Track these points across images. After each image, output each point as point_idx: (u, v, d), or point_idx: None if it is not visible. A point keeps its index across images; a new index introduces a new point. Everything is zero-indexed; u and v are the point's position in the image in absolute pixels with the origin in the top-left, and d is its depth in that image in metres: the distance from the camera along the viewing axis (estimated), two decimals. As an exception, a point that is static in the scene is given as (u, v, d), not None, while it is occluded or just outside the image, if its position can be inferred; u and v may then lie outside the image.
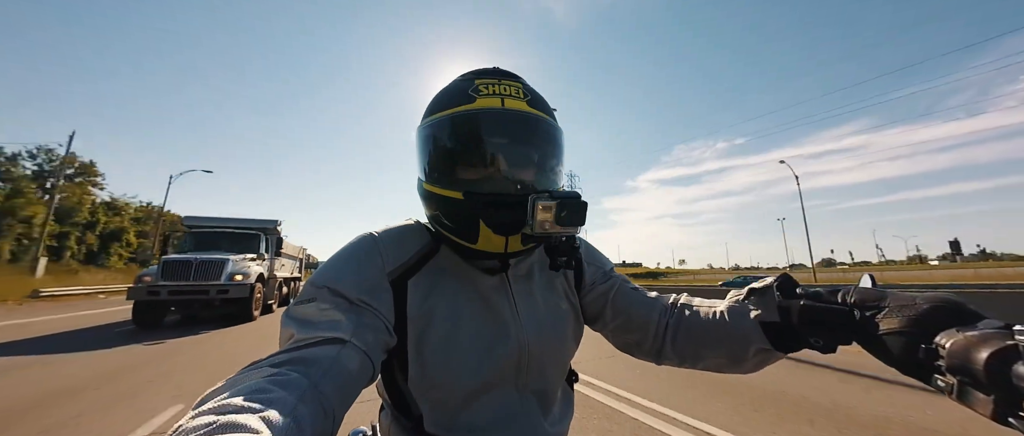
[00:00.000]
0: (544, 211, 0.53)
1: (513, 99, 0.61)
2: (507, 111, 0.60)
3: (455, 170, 0.61)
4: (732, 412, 3.12)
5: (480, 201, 0.57)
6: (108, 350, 5.63)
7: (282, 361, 0.43)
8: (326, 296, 0.53)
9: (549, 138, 0.64)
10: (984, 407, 0.34)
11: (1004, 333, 0.34)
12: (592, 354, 5.06)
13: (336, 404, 0.43)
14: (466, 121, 0.60)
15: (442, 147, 0.62)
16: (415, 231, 0.66)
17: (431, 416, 0.60)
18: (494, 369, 0.61)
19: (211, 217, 10.64)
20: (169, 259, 8.07)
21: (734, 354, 0.60)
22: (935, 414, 2.99)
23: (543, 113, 0.63)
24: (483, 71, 0.65)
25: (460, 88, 0.62)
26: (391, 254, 0.61)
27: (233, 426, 0.29)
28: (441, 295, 0.61)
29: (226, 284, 8.02)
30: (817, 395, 3.54)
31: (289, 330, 0.50)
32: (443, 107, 0.62)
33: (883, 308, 0.44)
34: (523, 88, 0.64)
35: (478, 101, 0.60)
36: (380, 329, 0.54)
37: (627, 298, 0.72)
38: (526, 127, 0.62)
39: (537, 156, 0.63)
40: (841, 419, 2.97)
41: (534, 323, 0.65)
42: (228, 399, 0.34)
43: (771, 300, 0.55)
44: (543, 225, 0.54)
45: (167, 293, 7.62)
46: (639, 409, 3.23)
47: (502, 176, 0.61)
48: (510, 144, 0.61)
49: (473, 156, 0.61)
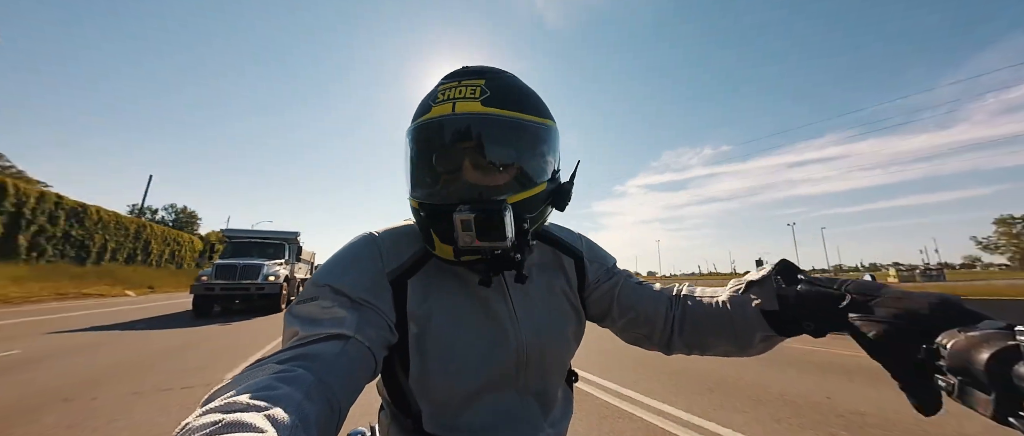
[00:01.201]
0: (464, 224, 0.51)
1: (467, 101, 0.57)
2: (454, 116, 0.57)
3: (412, 178, 0.63)
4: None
5: (427, 210, 0.58)
6: (184, 329, 8.07)
7: (287, 358, 0.44)
8: (328, 294, 0.54)
9: (508, 135, 0.59)
10: (985, 407, 0.34)
11: (1005, 333, 0.34)
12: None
13: (342, 398, 0.44)
14: (416, 132, 0.60)
15: (407, 158, 0.63)
16: (414, 232, 0.66)
17: (431, 416, 0.60)
18: (493, 370, 0.61)
19: (245, 229, 13.21)
20: (221, 263, 10.60)
21: (740, 341, 0.61)
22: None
23: (505, 110, 0.58)
24: (447, 76, 0.62)
25: (427, 97, 0.62)
26: (391, 254, 0.61)
27: (238, 424, 0.30)
28: (440, 295, 0.62)
29: (262, 283, 10.53)
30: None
31: (293, 328, 0.51)
32: (413, 118, 0.62)
33: (877, 297, 0.45)
34: (484, 86, 0.59)
35: (433, 110, 0.58)
36: (382, 326, 0.55)
37: (633, 293, 0.72)
38: (478, 127, 0.57)
39: (493, 157, 0.58)
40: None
41: (532, 325, 0.65)
42: (234, 397, 0.34)
43: (770, 288, 0.57)
44: (466, 239, 0.52)
45: (219, 289, 10.13)
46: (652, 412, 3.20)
47: (449, 185, 0.59)
48: (457, 149, 0.58)
49: (422, 165, 0.62)
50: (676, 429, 2.94)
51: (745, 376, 4.34)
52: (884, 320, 0.42)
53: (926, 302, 0.41)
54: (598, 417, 3.21)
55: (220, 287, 10.15)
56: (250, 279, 10.50)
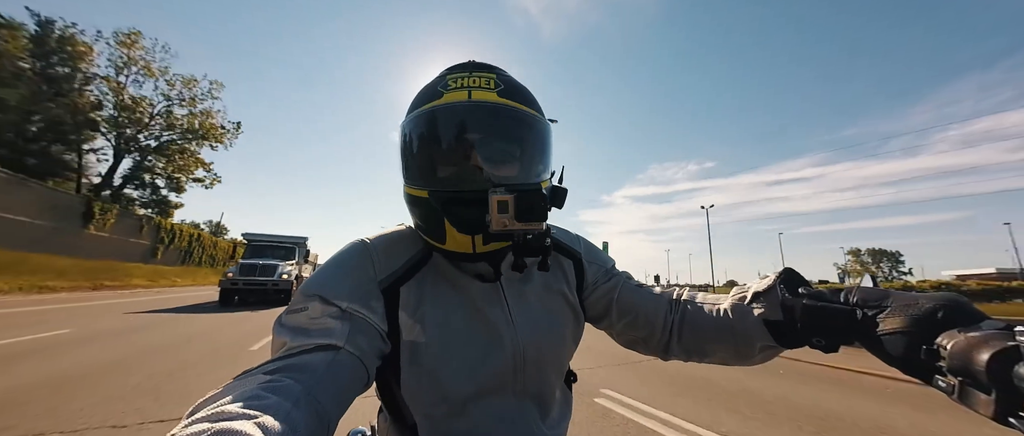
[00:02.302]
0: (500, 205, 0.51)
1: (482, 90, 0.58)
2: (472, 103, 0.57)
3: (422, 168, 0.61)
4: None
5: (443, 198, 0.56)
6: (214, 314, 10.09)
7: (275, 368, 0.43)
8: (318, 304, 0.53)
9: (522, 128, 0.61)
10: (985, 407, 0.34)
11: (1005, 334, 0.34)
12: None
13: (331, 410, 0.43)
14: (429, 117, 0.59)
15: (410, 146, 0.61)
16: (408, 237, 0.65)
17: (425, 423, 0.60)
18: (489, 375, 0.60)
19: (262, 233, 15.31)
20: (244, 263, 12.72)
21: (740, 350, 0.60)
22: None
23: (518, 103, 0.60)
24: (456, 66, 0.63)
25: (431, 85, 0.61)
26: (383, 261, 0.60)
27: (228, 433, 0.30)
28: (434, 302, 0.60)
29: (277, 280, 12.60)
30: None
31: (282, 339, 0.50)
32: (414, 106, 0.61)
33: (885, 308, 0.44)
34: (496, 79, 0.60)
35: (445, 96, 0.58)
36: (374, 335, 0.54)
37: (632, 296, 0.71)
38: (495, 117, 0.59)
39: (508, 147, 0.60)
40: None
41: (530, 326, 0.64)
42: (222, 407, 0.34)
43: (775, 298, 0.55)
44: (502, 221, 0.51)
45: (242, 284, 12.21)
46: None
47: (469, 171, 0.58)
48: (475, 137, 0.58)
49: (436, 152, 0.60)
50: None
51: (795, 395, 3.99)
52: (900, 331, 0.41)
53: (932, 304, 0.41)
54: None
55: (243, 282, 12.23)
56: (267, 276, 12.55)
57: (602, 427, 3.14)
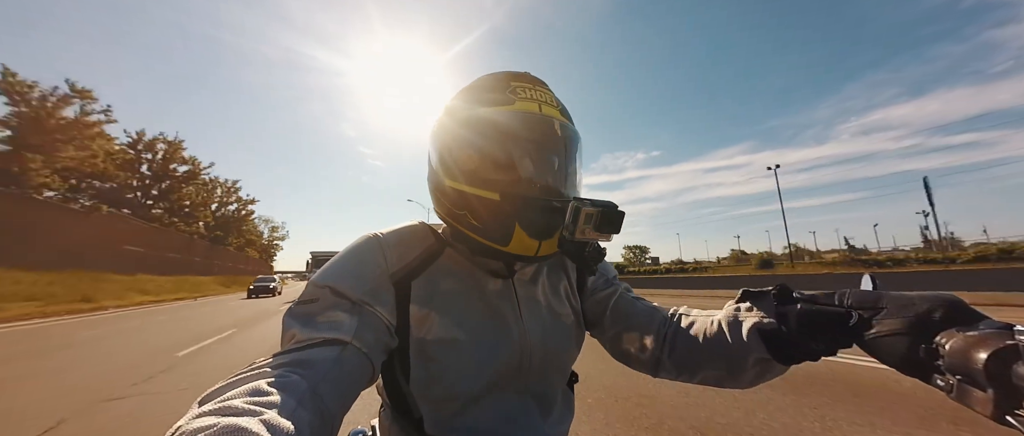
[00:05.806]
0: (587, 218, 0.53)
1: (549, 106, 0.61)
2: (547, 117, 0.60)
3: (492, 170, 0.59)
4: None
5: (519, 203, 0.57)
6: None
7: (283, 362, 0.44)
8: (328, 296, 0.53)
9: (578, 148, 0.64)
10: (984, 406, 0.34)
11: (1004, 333, 0.35)
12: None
13: (335, 407, 0.44)
14: (508, 122, 0.58)
15: (478, 146, 0.60)
16: (419, 233, 0.66)
17: (432, 418, 0.60)
18: (496, 372, 0.61)
19: (326, 251, 19.66)
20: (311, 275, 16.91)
21: (732, 365, 0.57)
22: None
23: (571, 124, 0.64)
24: (516, 75, 0.64)
25: (496, 87, 0.61)
26: (394, 255, 0.60)
27: (235, 429, 0.30)
28: (444, 298, 0.61)
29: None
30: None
31: (292, 330, 0.51)
32: (481, 104, 0.60)
33: (881, 309, 0.44)
34: (555, 97, 0.63)
35: (517, 104, 0.59)
36: (382, 330, 0.54)
37: (628, 306, 0.71)
38: (564, 134, 0.61)
39: (568, 164, 0.63)
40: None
41: (538, 327, 0.65)
42: (229, 401, 0.34)
43: (768, 307, 0.54)
44: (584, 231, 0.54)
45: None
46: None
47: (539, 180, 0.60)
48: (547, 150, 0.61)
49: (514, 158, 0.60)
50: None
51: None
52: (898, 331, 0.41)
53: (928, 303, 0.41)
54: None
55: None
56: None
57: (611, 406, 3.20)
